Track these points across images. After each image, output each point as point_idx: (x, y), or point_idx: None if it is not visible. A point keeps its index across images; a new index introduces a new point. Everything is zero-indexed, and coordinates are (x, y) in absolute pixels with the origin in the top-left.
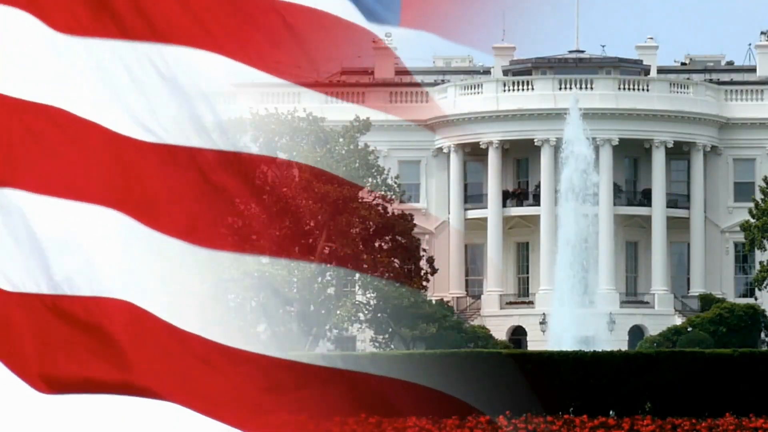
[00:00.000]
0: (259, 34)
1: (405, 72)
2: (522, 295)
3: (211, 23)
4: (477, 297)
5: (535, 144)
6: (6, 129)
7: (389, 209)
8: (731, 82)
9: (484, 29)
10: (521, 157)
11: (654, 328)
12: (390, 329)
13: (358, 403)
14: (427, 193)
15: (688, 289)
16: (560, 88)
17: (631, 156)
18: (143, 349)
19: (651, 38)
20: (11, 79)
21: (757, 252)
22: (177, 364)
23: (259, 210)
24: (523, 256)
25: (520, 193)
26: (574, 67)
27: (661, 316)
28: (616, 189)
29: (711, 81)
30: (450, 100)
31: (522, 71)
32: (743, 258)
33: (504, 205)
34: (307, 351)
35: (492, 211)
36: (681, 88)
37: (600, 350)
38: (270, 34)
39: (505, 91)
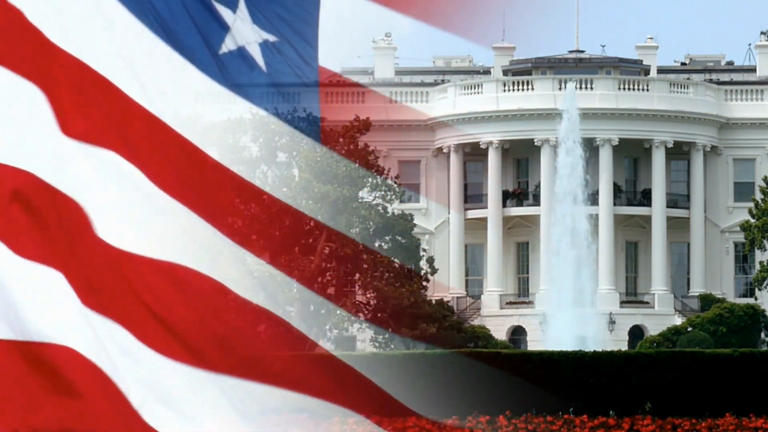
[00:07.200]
0: None
1: (405, 71)
2: (522, 295)
3: None
4: (477, 297)
5: (535, 144)
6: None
7: (389, 209)
8: (731, 82)
9: (484, 26)
10: (521, 157)
11: (654, 328)
12: (390, 329)
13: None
14: (427, 193)
15: (688, 289)
16: (560, 88)
17: (631, 156)
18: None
19: (651, 38)
20: None
21: (757, 252)
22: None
23: (259, 210)
24: (523, 256)
25: (520, 193)
26: (574, 67)
27: (661, 316)
28: (616, 189)
29: (711, 81)
30: (450, 100)
31: (522, 71)
32: (743, 258)
33: (504, 205)
34: (307, 351)
35: (492, 211)
36: (681, 88)
37: (600, 350)
38: None
39: (505, 91)
